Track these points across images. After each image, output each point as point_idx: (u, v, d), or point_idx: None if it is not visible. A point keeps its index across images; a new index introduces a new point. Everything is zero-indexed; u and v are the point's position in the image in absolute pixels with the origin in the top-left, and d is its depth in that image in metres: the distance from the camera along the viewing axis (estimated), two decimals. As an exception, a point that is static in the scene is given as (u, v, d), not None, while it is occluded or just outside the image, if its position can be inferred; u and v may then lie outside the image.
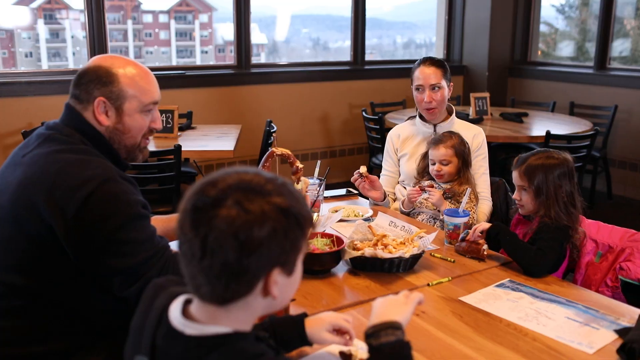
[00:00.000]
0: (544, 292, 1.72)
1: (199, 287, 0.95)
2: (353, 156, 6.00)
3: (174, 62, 7.33)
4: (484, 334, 1.49)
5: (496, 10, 6.00)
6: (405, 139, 2.74)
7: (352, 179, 2.53)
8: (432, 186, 2.40)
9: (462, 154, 2.44)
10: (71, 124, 1.57)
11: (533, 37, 6.24)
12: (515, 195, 2.10)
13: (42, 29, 6.21)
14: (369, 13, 6.07)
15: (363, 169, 2.50)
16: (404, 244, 1.89)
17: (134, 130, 1.61)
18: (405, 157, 2.71)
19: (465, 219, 2.07)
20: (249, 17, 5.34)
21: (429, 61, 2.63)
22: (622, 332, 1.47)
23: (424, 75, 2.59)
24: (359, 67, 6.01)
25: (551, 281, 1.81)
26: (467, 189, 2.27)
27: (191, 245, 0.92)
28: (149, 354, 0.98)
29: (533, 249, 1.88)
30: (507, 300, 1.67)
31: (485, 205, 2.57)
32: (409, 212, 2.54)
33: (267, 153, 1.99)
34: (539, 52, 6.54)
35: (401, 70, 6.20)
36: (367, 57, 6.08)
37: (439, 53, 6.63)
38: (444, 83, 2.61)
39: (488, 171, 2.64)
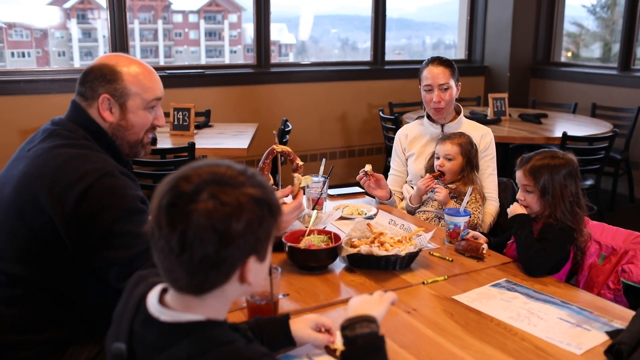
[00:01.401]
0: (539, 293, 1.71)
1: (176, 280, 0.97)
2: (372, 156, 6.00)
3: (203, 61, 7.41)
4: (472, 333, 1.48)
5: (518, 10, 5.94)
6: (413, 139, 2.74)
7: (357, 178, 2.54)
8: (442, 177, 2.42)
9: (468, 154, 2.44)
10: (75, 120, 1.62)
11: (556, 37, 6.16)
12: (519, 196, 2.08)
13: (75, 29, 6.34)
14: (398, 13, 6.07)
15: (368, 167, 2.50)
16: (402, 242, 1.89)
17: (137, 126, 1.66)
18: (412, 157, 2.71)
19: (465, 218, 2.06)
20: (268, 16, 5.37)
21: (437, 61, 2.63)
22: (613, 334, 1.46)
23: (433, 75, 2.59)
24: (379, 66, 6.00)
25: (548, 282, 1.80)
26: (469, 188, 2.26)
27: (169, 241, 0.93)
28: (126, 341, 1.01)
29: (537, 250, 1.87)
30: (500, 300, 1.66)
31: (493, 205, 2.55)
32: (414, 211, 2.54)
33: (268, 150, 2.01)
34: (569, 54, 6.45)
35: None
36: (395, 58, 6.07)
37: (460, 54, 6.59)
38: (452, 83, 2.60)
39: (496, 172, 2.62)
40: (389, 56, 6.11)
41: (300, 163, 2.03)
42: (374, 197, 2.65)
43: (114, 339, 1.07)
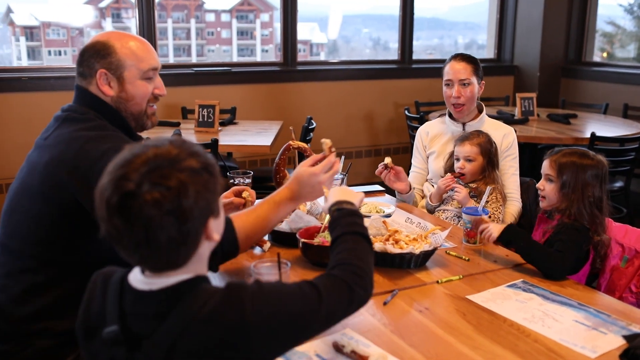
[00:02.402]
0: (556, 294, 1.67)
1: (154, 265, 1.01)
2: (398, 155, 5.96)
3: (235, 60, 7.46)
4: (484, 333, 1.46)
5: (549, 8, 5.83)
6: (434, 137, 2.71)
7: (376, 172, 2.52)
8: (462, 177, 2.40)
9: (488, 153, 2.40)
10: (83, 103, 1.66)
11: (588, 36, 6.03)
12: (539, 184, 2.07)
13: (109, 28, 6.46)
14: (430, 13, 6.02)
15: (388, 160, 2.48)
16: (417, 240, 1.87)
17: (137, 97, 1.69)
18: (433, 155, 2.69)
19: (485, 217, 2.03)
20: (295, 14, 5.38)
21: (460, 57, 2.60)
22: (630, 338, 1.42)
23: (454, 70, 2.57)
24: (406, 65, 5.96)
25: (566, 284, 1.76)
26: (488, 187, 2.23)
27: (131, 237, 0.96)
28: (118, 323, 1.02)
29: (550, 251, 1.83)
30: (515, 301, 1.63)
31: (514, 206, 2.51)
32: (434, 210, 2.52)
33: (284, 146, 2.01)
34: (605, 54, 6.31)
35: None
36: (427, 57, 6.02)
37: (489, 53, 6.50)
38: (474, 79, 2.56)
39: (518, 172, 2.58)
40: (420, 56, 6.06)
41: (317, 159, 2.01)
42: (394, 195, 2.63)
43: (92, 332, 1.07)
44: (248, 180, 2.24)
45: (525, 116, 4.63)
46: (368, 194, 2.72)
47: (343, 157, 2.47)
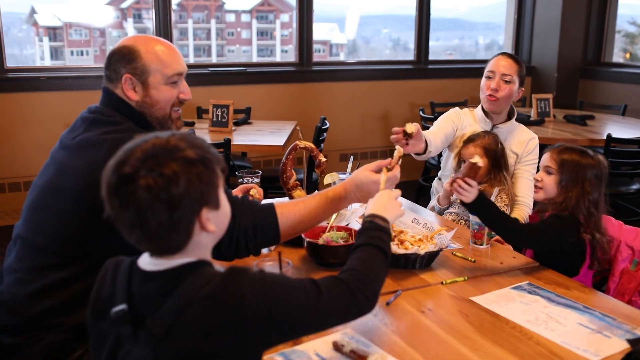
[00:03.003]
0: (561, 297, 1.65)
1: (149, 248, 1.08)
2: (411, 156, 5.93)
3: (255, 60, 7.50)
4: (485, 335, 1.45)
5: (568, 8, 5.77)
6: (464, 127, 2.64)
7: (393, 138, 2.14)
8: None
9: (493, 154, 2.39)
10: (110, 105, 1.68)
11: (608, 36, 5.95)
12: (536, 175, 2.07)
13: (130, 28, 6.52)
14: (451, 14, 5.98)
15: (413, 129, 2.06)
16: (422, 240, 1.87)
17: (162, 101, 1.71)
18: (452, 146, 2.65)
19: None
20: (311, 14, 5.39)
21: (508, 55, 2.59)
22: (634, 342, 1.40)
23: (498, 64, 2.54)
24: (422, 66, 5.94)
25: (573, 286, 1.74)
26: (495, 188, 2.21)
27: (127, 219, 1.03)
28: (126, 302, 1.07)
29: (510, 218, 1.93)
30: (519, 303, 1.62)
31: (523, 211, 2.48)
32: (443, 212, 2.51)
33: (291, 146, 2.02)
34: (628, 55, 6.23)
35: (466, 70, 6.08)
36: (446, 58, 6.00)
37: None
38: (515, 79, 2.53)
39: (534, 178, 2.54)
40: (440, 56, 6.03)
41: (324, 159, 2.02)
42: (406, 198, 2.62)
43: (101, 313, 1.12)
44: (256, 180, 2.25)
45: (541, 117, 4.59)
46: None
47: (352, 157, 2.47)
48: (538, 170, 2.12)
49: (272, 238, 1.64)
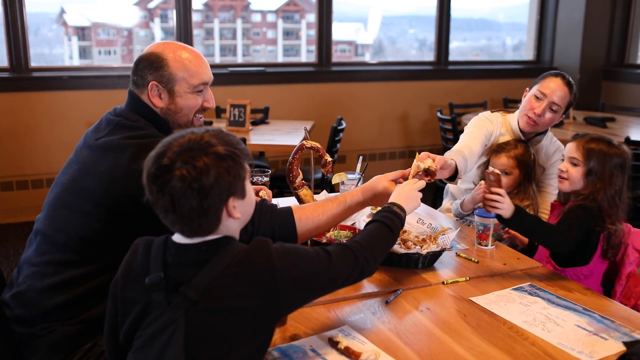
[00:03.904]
0: (562, 299, 1.65)
1: (183, 231, 1.19)
2: (432, 157, 5.92)
3: (280, 60, 7.56)
4: (481, 335, 1.46)
5: (591, 9, 5.70)
6: (497, 136, 2.51)
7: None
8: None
9: (526, 165, 2.35)
10: (135, 110, 1.72)
11: (632, 37, 5.86)
12: (561, 166, 2.03)
13: (157, 28, 6.62)
14: (478, 14, 5.96)
15: (428, 164, 1.85)
16: (425, 240, 1.88)
17: (185, 109, 1.75)
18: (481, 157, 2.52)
19: (496, 220, 2.01)
20: (330, 14, 5.42)
21: (566, 80, 2.42)
22: (630, 345, 1.40)
23: (553, 89, 2.38)
24: (442, 67, 5.92)
25: (574, 288, 1.73)
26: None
27: (163, 203, 1.16)
28: (162, 271, 1.19)
29: (551, 226, 1.88)
30: (519, 304, 1.62)
31: None
32: (462, 217, 2.49)
33: (298, 145, 2.04)
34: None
35: (486, 71, 6.05)
36: (474, 58, 5.97)
37: (529, 54, 6.39)
38: (562, 109, 2.42)
39: (557, 192, 2.50)
40: (467, 57, 6.01)
41: (330, 159, 2.04)
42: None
43: (133, 279, 1.23)
44: (266, 179, 2.29)
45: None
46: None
47: (361, 158, 2.49)
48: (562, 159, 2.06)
49: (291, 242, 1.66)
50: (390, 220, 1.48)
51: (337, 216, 1.71)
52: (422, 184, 1.69)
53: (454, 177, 2.15)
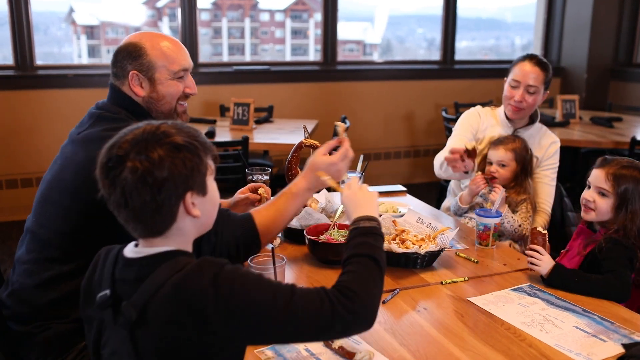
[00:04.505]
0: (561, 300, 1.63)
1: (135, 229, 1.11)
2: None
3: (288, 59, 7.55)
4: (478, 336, 1.44)
5: (599, 8, 5.64)
6: (485, 129, 2.57)
7: (448, 158, 2.22)
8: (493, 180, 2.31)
9: (523, 160, 2.35)
10: (117, 102, 1.73)
11: (640, 37, 5.81)
12: (587, 195, 1.88)
13: (165, 27, 6.63)
14: (487, 13, 5.92)
15: (471, 144, 2.19)
16: (424, 240, 1.86)
17: (168, 96, 1.75)
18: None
19: (496, 220, 2.00)
20: (336, 12, 5.39)
21: (535, 60, 2.46)
22: (628, 347, 1.38)
23: (525, 72, 2.43)
24: (447, 66, 5.89)
25: (574, 289, 1.71)
26: (502, 189, 2.19)
27: (115, 198, 1.08)
28: (110, 288, 1.12)
29: (605, 278, 1.69)
30: (517, 305, 1.61)
31: (542, 218, 2.44)
32: (462, 214, 2.47)
33: (297, 144, 2.03)
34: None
35: (492, 70, 6.01)
36: (482, 58, 5.94)
37: (536, 53, 6.35)
38: (541, 88, 2.45)
39: (554, 183, 2.50)
40: (476, 56, 5.97)
41: (328, 157, 2.02)
42: (415, 195, 2.60)
43: (90, 300, 1.17)
44: (266, 177, 2.27)
45: (566, 119, 4.51)
46: (389, 194, 2.71)
47: (362, 157, 2.47)
48: (579, 183, 1.95)
49: (255, 249, 1.64)
50: (368, 247, 1.22)
51: (289, 208, 1.67)
52: (355, 181, 1.41)
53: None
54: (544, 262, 1.73)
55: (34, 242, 1.67)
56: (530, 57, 2.48)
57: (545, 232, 1.83)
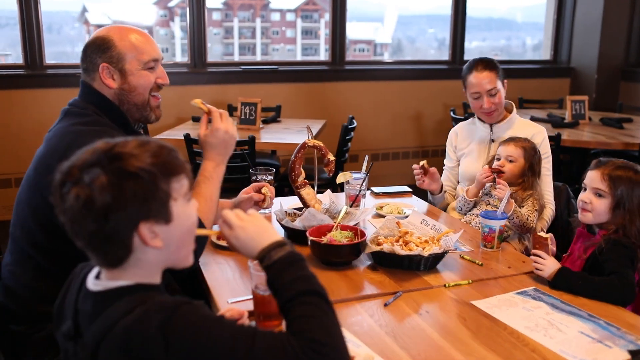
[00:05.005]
0: (566, 304, 1.61)
1: (92, 258, 1.04)
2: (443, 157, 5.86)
3: (299, 59, 7.56)
4: (480, 340, 1.42)
5: (610, 7, 5.59)
6: (464, 139, 2.69)
7: (414, 172, 2.52)
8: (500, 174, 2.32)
9: (531, 159, 2.37)
10: (85, 98, 1.74)
11: (652, 37, 5.74)
12: (584, 197, 1.87)
13: (177, 27, 6.66)
14: (497, 13, 5.88)
15: (424, 162, 2.49)
16: (428, 242, 1.84)
17: (140, 87, 1.75)
18: (463, 157, 2.65)
19: (502, 222, 1.97)
20: (344, 13, 5.38)
21: (481, 65, 2.52)
22: (635, 353, 1.35)
23: (479, 81, 2.49)
24: (456, 66, 5.85)
25: (580, 293, 1.69)
26: (507, 190, 2.17)
27: (66, 224, 1.00)
28: (72, 318, 1.07)
29: (609, 280, 1.66)
30: (521, 309, 1.58)
31: (547, 211, 2.43)
32: (466, 211, 2.46)
33: (300, 144, 2.02)
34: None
35: (503, 70, 5.96)
36: (493, 58, 5.90)
37: (545, 54, 6.30)
38: (499, 85, 2.51)
39: (550, 173, 2.50)
40: (486, 56, 5.93)
41: (332, 158, 2.02)
42: (421, 197, 2.59)
43: (60, 322, 1.12)
44: (270, 177, 2.27)
45: (575, 119, 4.47)
46: (395, 194, 2.69)
47: (367, 157, 2.45)
48: (579, 185, 1.95)
49: (203, 242, 1.69)
50: (301, 282, 1.08)
51: (212, 190, 1.70)
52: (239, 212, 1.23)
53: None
54: (547, 266, 1.72)
55: (13, 243, 1.69)
56: (474, 66, 2.53)
57: (548, 235, 1.81)
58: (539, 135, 2.51)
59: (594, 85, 5.74)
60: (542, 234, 1.82)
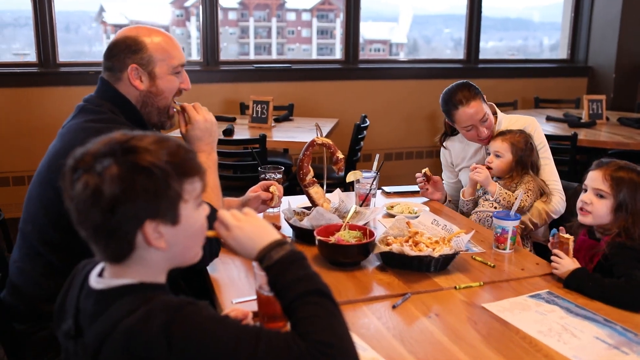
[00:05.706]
0: (581, 308, 1.55)
1: (95, 251, 1.01)
2: (460, 157, 5.79)
3: (314, 58, 7.56)
4: (491, 344, 1.37)
5: (628, 5, 5.48)
6: (457, 155, 2.67)
7: (417, 180, 2.54)
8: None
9: (520, 152, 2.32)
10: (103, 95, 1.72)
11: (672, 36, 5.63)
12: (584, 197, 1.83)
13: (193, 27, 6.68)
14: (514, 13, 5.82)
15: (426, 169, 2.49)
16: (438, 242, 1.80)
17: (166, 91, 1.75)
18: (462, 172, 2.66)
19: (515, 223, 1.92)
20: (358, 11, 5.34)
21: (464, 98, 2.37)
22: (652, 360, 1.30)
23: (468, 116, 2.37)
24: (471, 65, 5.79)
25: (596, 297, 1.63)
26: (520, 192, 2.12)
27: (73, 214, 0.98)
28: (73, 317, 1.04)
29: (622, 283, 1.61)
30: (535, 312, 1.53)
31: (555, 200, 2.36)
32: (469, 212, 2.42)
33: (309, 142, 1.98)
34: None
35: (517, 70, 5.89)
36: (509, 58, 5.86)
37: (563, 53, 6.21)
38: (485, 107, 2.41)
39: (552, 161, 2.44)
40: (503, 56, 5.88)
41: (341, 156, 1.98)
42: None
43: (61, 321, 1.10)
44: (279, 175, 2.24)
45: (592, 119, 4.39)
46: (406, 194, 2.65)
47: (377, 156, 2.41)
48: (579, 181, 1.92)
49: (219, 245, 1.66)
50: (304, 282, 1.05)
51: (214, 180, 1.73)
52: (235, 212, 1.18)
53: None
54: (563, 266, 1.69)
55: (22, 240, 1.67)
56: (459, 101, 2.38)
57: (569, 237, 1.76)
58: (529, 127, 2.44)
59: (612, 84, 5.64)
60: (564, 234, 1.78)
